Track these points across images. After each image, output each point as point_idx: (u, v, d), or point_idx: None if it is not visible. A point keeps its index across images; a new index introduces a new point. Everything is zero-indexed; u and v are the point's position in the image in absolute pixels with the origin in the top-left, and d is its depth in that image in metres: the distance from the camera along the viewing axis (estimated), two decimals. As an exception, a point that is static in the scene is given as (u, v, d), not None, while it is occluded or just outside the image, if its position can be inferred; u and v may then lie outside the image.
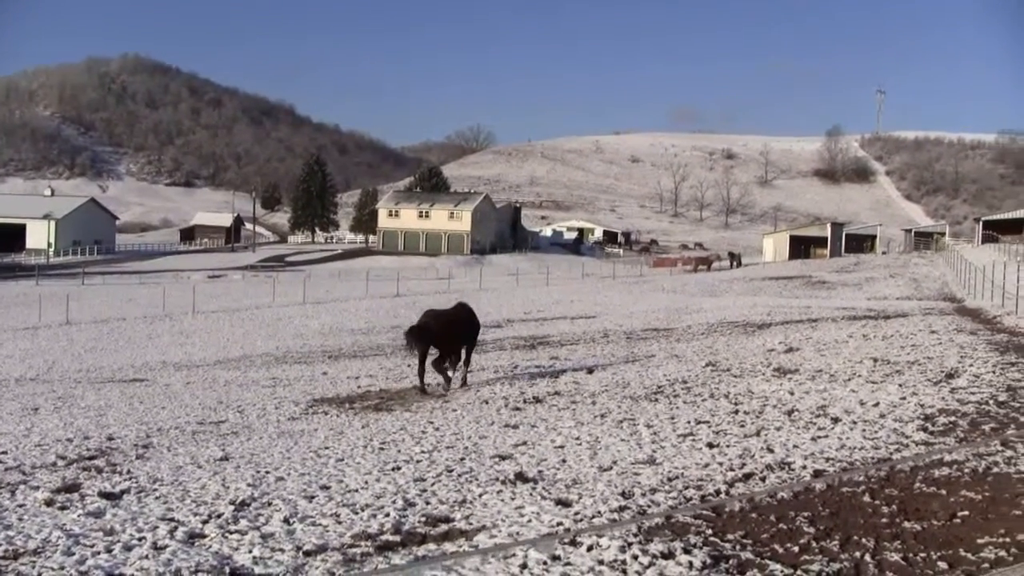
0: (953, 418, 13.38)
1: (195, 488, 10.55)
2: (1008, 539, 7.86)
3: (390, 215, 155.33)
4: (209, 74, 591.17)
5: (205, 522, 8.98)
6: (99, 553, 7.99)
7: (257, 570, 7.59)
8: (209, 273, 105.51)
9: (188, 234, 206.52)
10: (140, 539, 8.41)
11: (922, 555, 7.67)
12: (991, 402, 14.59)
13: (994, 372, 17.97)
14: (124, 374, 27.41)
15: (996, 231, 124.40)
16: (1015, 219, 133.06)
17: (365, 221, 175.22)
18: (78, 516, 9.29)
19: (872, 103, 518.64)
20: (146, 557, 7.88)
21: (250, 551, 8.06)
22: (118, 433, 15.47)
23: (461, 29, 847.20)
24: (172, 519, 9.10)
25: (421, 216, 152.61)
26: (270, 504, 9.64)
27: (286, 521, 8.98)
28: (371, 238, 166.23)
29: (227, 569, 7.65)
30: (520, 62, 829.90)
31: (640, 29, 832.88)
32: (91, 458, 12.98)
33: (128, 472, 11.73)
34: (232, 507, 9.50)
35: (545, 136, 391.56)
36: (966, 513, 8.71)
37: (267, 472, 11.37)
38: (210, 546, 8.23)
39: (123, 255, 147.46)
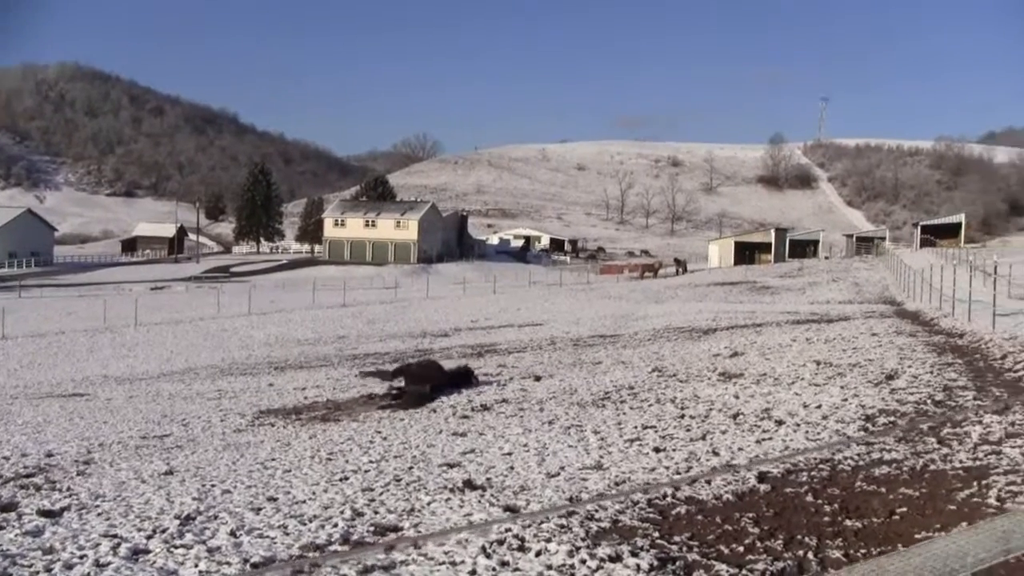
0: (893, 418, 13.63)
1: (139, 503, 10.40)
2: (944, 533, 8.03)
3: (336, 224, 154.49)
4: (150, 82, 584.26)
5: (149, 537, 8.86)
6: (38, 573, 7.87)
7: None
8: (152, 285, 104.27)
9: (130, 245, 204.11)
10: (81, 557, 8.26)
11: (863, 551, 7.83)
12: (929, 402, 14.87)
13: (932, 373, 18.28)
14: (64, 389, 26.88)
15: (934, 235, 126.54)
16: (951, 224, 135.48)
17: (311, 231, 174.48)
18: (15, 536, 9.07)
19: (815, 111, 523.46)
20: (88, 575, 7.82)
21: (196, 565, 7.98)
22: (58, 449, 15.16)
23: (406, 37, 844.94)
24: (115, 535, 8.95)
25: (367, 225, 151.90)
26: (216, 517, 9.54)
27: (232, 534, 8.89)
28: (317, 248, 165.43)
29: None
30: (466, 71, 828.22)
31: (585, 37, 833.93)
32: (29, 475, 12.69)
33: (68, 489, 11.51)
34: (177, 521, 9.38)
35: (491, 145, 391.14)
36: (904, 510, 8.90)
37: (213, 485, 11.27)
38: (155, 562, 8.12)
39: (62, 267, 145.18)
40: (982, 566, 3.28)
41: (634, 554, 7.85)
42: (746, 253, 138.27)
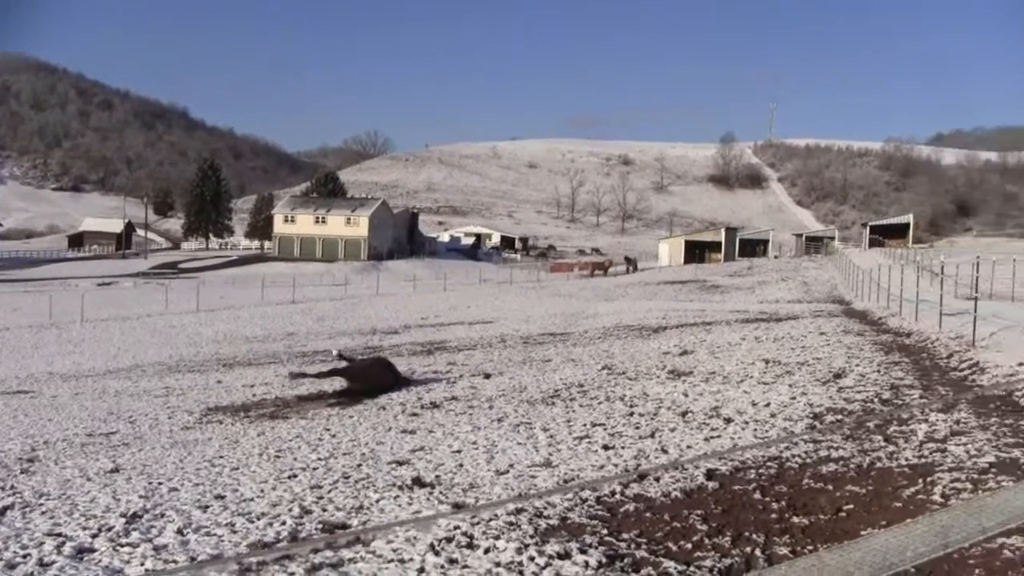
0: (840, 416, 13.73)
1: (84, 502, 10.29)
2: (879, 529, 8.10)
3: (286, 221, 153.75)
4: (98, 75, 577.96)
5: (95, 536, 8.77)
6: (-20, 572, 7.78)
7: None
8: (99, 280, 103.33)
9: (77, 240, 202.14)
10: (24, 556, 8.17)
11: (809, 548, 7.88)
12: (876, 400, 15.00)
13: (879, 371, 18.45)
14: (7, 386, 26.45)
15: (882, 235, 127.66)
16: (899, 224, 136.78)
17: (261, 227, 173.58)
18: (-43, 535, 8.94)
19: (765, 111, 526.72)
20: (31, 574, 7.72)
21: (142, 564, 7.93)
22: (1, 447, 14.97)
23: (357, 34, 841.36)
24: (60, 534, 8.85)
25: (318, 222, 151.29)
26: (163, 515, 9.47)
27: (180, 532, 8.83)
28: (267, 244, 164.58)
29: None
30: (417, 69, 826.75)
31: (536, 36, 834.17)
32: (-28, 473, 12.53)
33: (12, 487, 11.35)
34: (123, 520, 9.29)
35: (443, 142, 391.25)
36: (851, 507, 8.97)
37: (160, 483, 11.17)
38: (100, 560, 8.05)
39: (7, 262, 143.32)
40: (922, 560, 3.31)
41: (583, 551, 7.87)
42: (696, 252, 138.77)
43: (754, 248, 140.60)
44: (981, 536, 4.08)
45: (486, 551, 7.93)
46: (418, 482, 10.61)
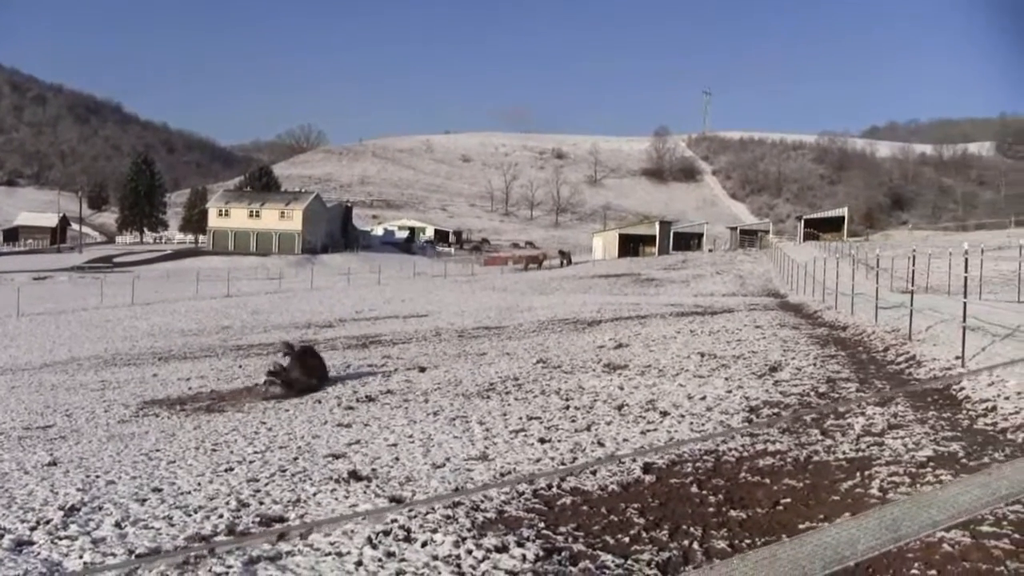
0: (776, 410, 13.80)
1: (22, 494, 10.23)
2: (827, 523, 8.10)
3: (220, 215, 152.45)
4: (32, 70, 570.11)
5: (33, 529, 8.71)
6: (-86, 566, 7.64)
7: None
8: (34, 275, 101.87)
9: (11, 235, 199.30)
10: (-37, 548, 8.09)
11: (747, 542, 7.88)
12: (812, 393, 15.10)
13: (815, 365, 18.60)
14: (-59, 380, 26.30)
15: (817, 229, 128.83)
16: (834, 217, 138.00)
17: (195, 221, 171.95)
18: None
19: (699, 104, 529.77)
20: (-30, 566, 7.61)
21: (81, 556, 7.86)
22: (-64, 440, 14.81)
23: (289, 27, 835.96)
24: (-2, 527, 8.79)
25: (251, 216, 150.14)
26: (101, 508, 9.41)
27: (118, 525, 8.77)
28: (201, 238, 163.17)
29: (56, 575, 7.46)
30: (350, 62, 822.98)
31: (467, 29, 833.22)
32: (-95, 467, 12.36)
33: (-52, 481, 11.24)
34: (61, 512, 9.23)
35: (376, 136, 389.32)
36: (789, 500, 8.99)
37: (97, 476, 11.10)
38: (39, 553, 8.00)
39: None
40: (873, 553, 3.27)
41: (520, 544, 7.86)
42: (630, 245, 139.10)
43: (688, 241, 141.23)
44: (931, 529, 4.05)
45: (423, 544, 7.91)
46: (355, 475, 10.55)
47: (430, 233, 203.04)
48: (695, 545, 7.84)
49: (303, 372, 19.49)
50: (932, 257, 42.29)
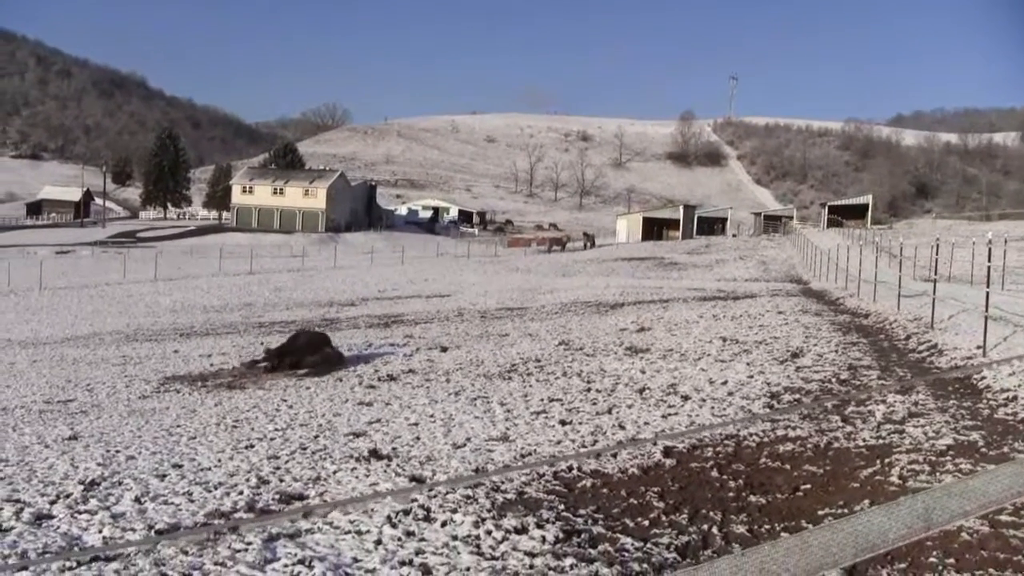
0: (798, 396, 13.78)
1: (42, 468, 10.24)
2: (847, 510, 8.11)
3: (244, 191, 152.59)
4: (57, 43, 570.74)
5: (53, 503, 8.71)
6: (-62, 538, 7.67)
7: (107, 550, 7.43)
8: (57, 248, 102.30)
9: (35, 208, 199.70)
10: (-17, 521, 8.13)
11: (766, 527, 7.89)
12: (833, 380, 15.06)
13: (836, 352, 18.55)
14: (-35, 352, 26.42)
15: (841, 216, 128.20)
16: (858, 205, 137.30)
17: (219, 197, 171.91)
18: (-86, 499, 8.86)
19: (725, 89, 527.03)
20: (-10, 539, 7.63)
21: (100, 531, 7.87)
22: (-41, 413, 14.86)
23: (316, 5, 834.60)
24: (18, 500, 8.80)
25: (275, 193, 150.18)
26: (121, 483, 9.42)
27: (137, 500, 8.78)
28: (224, 215, 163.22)
29: (76, 549, 7.48)
30: (376, 41, 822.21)
31: (495, 11, 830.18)
32: (-71, 439, 12.41)
33: (-31, 453, 11.30)
34: (81, 487, 9.24)
35: (401, 115, 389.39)
36: (808, 487, 8.99)
37: (117, 451, 11.12)
38: (58, 527, 7.99)
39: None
40: (902, 542, 3.28)
41: (540, 526, 7.86)
42: (654, 229, 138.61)
43: (712, 226, 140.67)
44: (962, 519, 4.06)
45: (443, 524, 7.91)
46: (375, 454, 10.57)
47: (454, 213, 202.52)
48: (714, 530, 7.85)
49: (299, 352, 19.55)
50: (955, 246, 42.10)
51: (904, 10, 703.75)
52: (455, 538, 7.58)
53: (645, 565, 7.03)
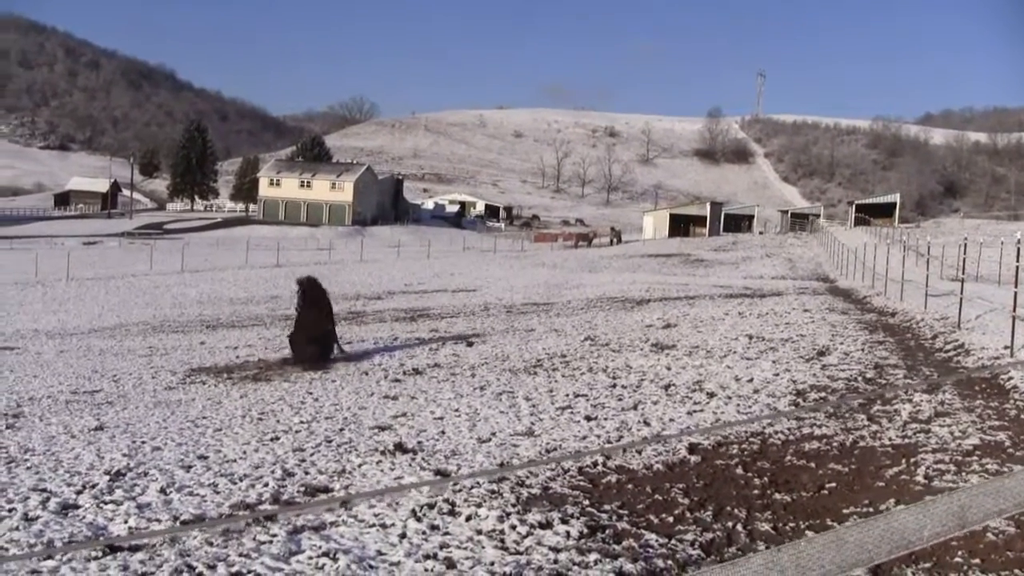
0: (823, 394, 13.76)
1: (68, 458, 10.32)
2: (872, 509, 8.11)
3: (271, 184, 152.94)
4: (86, 35, 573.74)
5: (79, 492, 8.80)
6: (-35, 526, 7.74)
7: (133, 540, 7.48)
8: (84, 239, 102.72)
9: (63, 199, 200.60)
10: (10, 510, 8.20)
11: (791, 525, 7.89)
12: (859, 379, 15.03)
13: (863, 350, 18.50)
14: (-7, 342, 26.56)
15: (868, 214, 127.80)
16: (886, 203, 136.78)
17: (246, 190, 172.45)
18: (-57, 488, 8.93)
19: (752, 86, 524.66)
20: (16, 528, 7.71)
21: (125, 521, 7.96)
22: (-13, 402, 14.95)
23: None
24: (44, 490, 8.88)
25: (303, 186, 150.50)
26: (146, 474, 9.49)
27: (163, 491, 8.85)
28: (251, 207, 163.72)
29: (102, 539, 7.54)
30: (404, 35, 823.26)
31: (523, 6, 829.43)
32: (-43, 428, 12.49)
33: (-3, 442, 11.38)
34: (107, 477, 9.32)
35: (429, 109, 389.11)
36: (833, 485, 8.97)
37: (143, 442, 11.19)
38: (84, 517, 8.08)
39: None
40: (937, 540, 3.29)
41: (564, 521, 7.88)
42: (681, 225, 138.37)
43: (739, 223, 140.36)
44: (997, 518, 4.08)
45: (468, 519, 7.94)
46: (400, 448, 10.60)
47: (480, 208, 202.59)
48: (739, 527, 7.84)
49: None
50: (983, 246, 41.88)
51: (933, 8, 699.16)
52: (479, 532, 7.61)
53: (669, 561, 7.04)
